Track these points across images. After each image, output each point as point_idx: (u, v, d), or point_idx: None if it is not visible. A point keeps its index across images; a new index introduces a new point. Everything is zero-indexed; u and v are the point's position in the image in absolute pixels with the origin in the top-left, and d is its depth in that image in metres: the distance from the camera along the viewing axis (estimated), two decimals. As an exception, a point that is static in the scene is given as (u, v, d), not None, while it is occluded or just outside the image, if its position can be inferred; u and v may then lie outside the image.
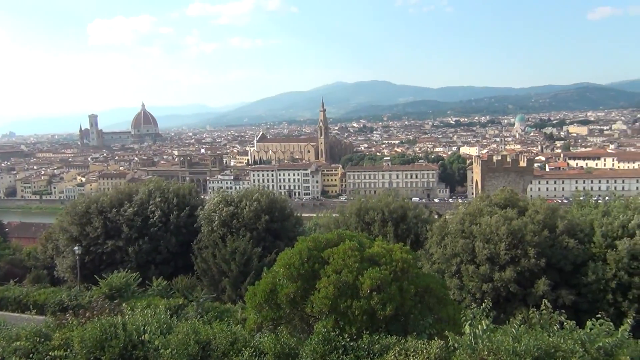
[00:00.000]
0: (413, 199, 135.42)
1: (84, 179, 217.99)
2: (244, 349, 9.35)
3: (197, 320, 11.93)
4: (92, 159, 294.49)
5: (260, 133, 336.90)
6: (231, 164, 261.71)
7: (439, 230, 28.83)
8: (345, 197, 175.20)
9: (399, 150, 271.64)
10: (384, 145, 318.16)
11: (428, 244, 29.79)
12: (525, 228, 25.15)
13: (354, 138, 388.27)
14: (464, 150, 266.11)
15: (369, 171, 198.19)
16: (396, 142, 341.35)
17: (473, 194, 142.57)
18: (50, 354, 10.65)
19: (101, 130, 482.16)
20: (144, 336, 10.11)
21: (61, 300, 22.42)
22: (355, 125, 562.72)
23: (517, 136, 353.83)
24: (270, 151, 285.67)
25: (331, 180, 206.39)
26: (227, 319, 14.40)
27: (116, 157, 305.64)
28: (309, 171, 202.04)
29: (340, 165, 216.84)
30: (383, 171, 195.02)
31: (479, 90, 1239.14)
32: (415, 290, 10.70)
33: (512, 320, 16.79)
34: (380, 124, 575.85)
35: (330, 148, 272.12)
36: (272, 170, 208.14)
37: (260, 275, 13.26)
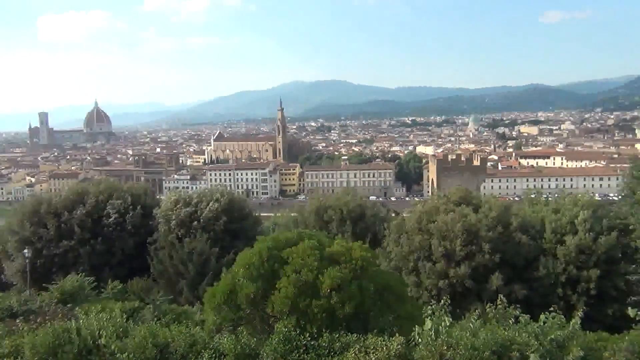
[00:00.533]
0: (370, 197, 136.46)
1: (33, 179, 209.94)
2: (203, 351, 9.22)
3: (155, 323, 11.69)
4: (43, 158, 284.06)
5: (218, 132, 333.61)
6: (187, 163, 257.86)
7: (397, 229, 29.21)
8: (304, 197, 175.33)
9: (357, 150, 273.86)
10: (341, 145, 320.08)
11: (386, 242, 30.13)
12: (480, 225, 25.76)
13: (312, 137, 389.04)
14: (420, 149, 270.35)
15: (327, 170, 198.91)
16: (354, 142, 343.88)
17: (429, 192, 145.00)
18: (-1, 361, 10.25)
19: (52, 128, 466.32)
20: (99, 341, 9.83)
21: (10, 305, 21.50)
22: (313, 124, 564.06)
23: (471, 136, 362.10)
24: (227, 150, 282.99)
25: (289, 179, 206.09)
26: (185, 321, 14.17)
27: (68, 157, 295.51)
28: (267, 170, 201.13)
29: (299, 165, 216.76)
30: (341, 170, 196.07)
31: (435, 90, 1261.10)
32: (375, 288, 10.80)
33: (468, 315, 17.18)
34: (338, 123, 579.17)
35: (289, 147, 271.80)
36: (230, 170, 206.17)
37: (218, 277, 13.11)
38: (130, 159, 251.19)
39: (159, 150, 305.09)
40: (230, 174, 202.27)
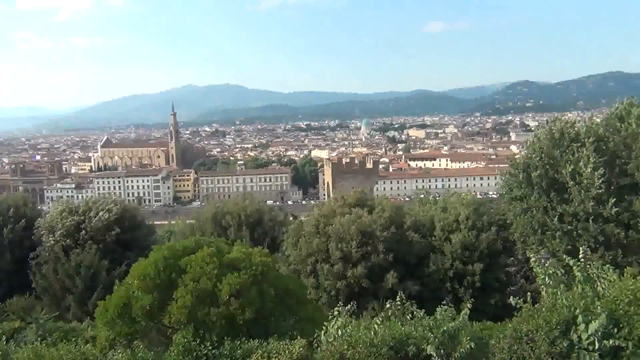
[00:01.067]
0: (268, 202, 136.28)
1: None
2: (95, 369, 8.72)
3: (39, 343, 10.85)
4: None
5: (105, 138, 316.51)
6: (72, 171, 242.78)
7: (295, 232, 29.41)
8: (199, 203, 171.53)
9: (253, 154, 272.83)
10: (237, 150, 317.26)
11: (284, 246, 30.23)
12: (374, 225, 26.60)
13: (206, 142, 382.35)
14: (315, 153, 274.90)
15: (223, 176, 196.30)
16: (249, 146, 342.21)
17: (325, 195, 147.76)
18: None
19: None
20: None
21: None
22: (207, 129, 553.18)
23: (364, 139, 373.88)
24: (116, 157, 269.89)
25: (184, 185, 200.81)
26: (75, 339, 13.30)
27: None
28: (159, 177, 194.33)
29: (193, 171, 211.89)
30: (237, 175, 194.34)
31: (329, 95, 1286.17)
32: (275, 292, 10.80)
33: (366, 313, 17.63)
34: (233, 128, 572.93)
35: (182, 153, 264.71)
36: (119, 177, 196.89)
37: (109, 290, 12.47)
38: (6, 168, 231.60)
39: (39, 157, 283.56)
40: (119, 182, 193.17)
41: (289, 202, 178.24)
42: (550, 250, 20.95)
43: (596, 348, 6.18)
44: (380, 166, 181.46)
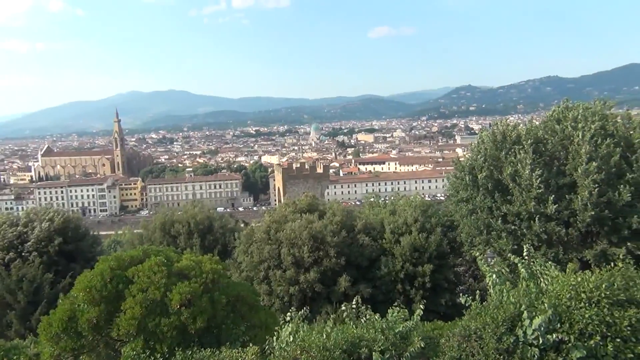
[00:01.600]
0: (218, 209, 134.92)
1: None
2: (39, 387, 8.37)
3: (-23, 364, 10.34)
4: None
5: (46, 146, 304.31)
6: (11, 182, 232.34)
7: (246, 239, 29.17)
8: (147, 212, 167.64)
9: (201, 161, 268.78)
10: (185, 156, 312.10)
11: (236, 253, 29.94)
12: (325, 230, 26.71)
13: (153, 149, 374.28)
14: (265, 159, 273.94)
15: (171, 183, 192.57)
16: (198, 153, 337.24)
17: (276, 200, 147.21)
18: None
19: None
20: None
21: None
22: (154, 136, 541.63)
23: (313, 144, 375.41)
24: (58, 166, 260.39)
25: (130, 194, 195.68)
26: (17, 357, 12.74)
27: None
28: (104, 186, 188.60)
29: (140, 179, 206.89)
30: (186, 183, 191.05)
31: (277, 100, 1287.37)
32: (227, 300, 10.66)
33: (319, 318, 17.66)
34: (180, 134, 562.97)
35: (128, 161, 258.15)
36: (62, 187, 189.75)
37: (54, 304, 12.00)
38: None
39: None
40: (62, 192, 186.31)
41: (240, 209, 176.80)
42: (496, 249, 21.61)
43: (540, 343, 6.41)
44: (331, 171, 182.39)
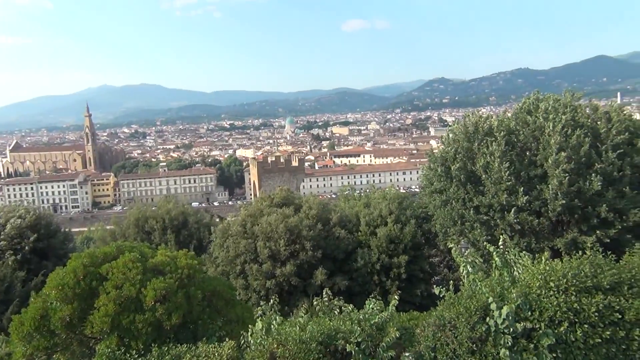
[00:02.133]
0: (193, 204, 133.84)
1: None
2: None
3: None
4: None
5: (14, 142, 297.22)
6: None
7: (222, 233, 29.03)
8: (120, 207, 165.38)
9: (175, 156, 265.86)
10: (159, 151, 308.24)
11: (212, 248, 29.80)
12: (301, 224, 26.74)
13: (125, 144, 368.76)
14: (240, 152, 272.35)
15: (145, 178, 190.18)
16: (172, 147, 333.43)
17: (251, 194, 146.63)
18: None
19: None
20: None
21: None
22: (126, 130, 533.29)
23: (288, 138, 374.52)
24: (27, 162, 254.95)
25: (103, 190, 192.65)
26: (-13, 357, 12.52)
27: None
28: (76, 182, 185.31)
29: (113, 174, 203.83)
30: (160, 177, 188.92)
31: (251, 94, 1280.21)
32: (203, 295, 10.62)
33: (296, 311, 17.71)
34: (153, 128, 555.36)
35: (100, 156, 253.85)
36: (32, 183, 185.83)
37: (25, 303, 11.80)
38: None
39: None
40: (32, 188, 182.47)
41: (215, 203, 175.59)
42: (470, 240, 21.93)
43: (511, 331, 6.55)
44: (306, 164, 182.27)
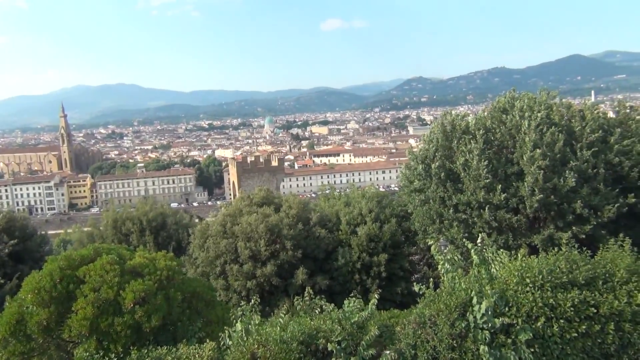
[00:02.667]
0: (172, 204, 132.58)
1: None
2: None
3: None
4: None
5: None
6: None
7: (201, 234, 28.85)
8: (98, 209, 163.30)
9: (153, 156, 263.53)
10: (136, 152, 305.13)
11: (191, 249, 29.59)
12: (282, 223, 26.70)
13: (102, 145, 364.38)
14: (219, 153, 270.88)
15: (122, 179, 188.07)
16: (149, 148, 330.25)
17: (231, 195, 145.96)
18: None
19: None
20: None
21: None
22: (103, 131, 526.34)
23: (268, 137, 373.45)
24: (1, 163, 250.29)
25: (79, 191, 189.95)
26: (-39, 364, 12.24)
27: None
28: (52, 183, 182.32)
29: (89, 175, 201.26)
30: (137, 178, 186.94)
31: (230, 93, 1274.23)
32: (183, 297, 10.56)
33: (277, 311, 17.69)
34: (130, 129, 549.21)
35: (76, 157, 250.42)
36: (6, 185, 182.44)
37: (1, 307, 11.60)
38: None
39: None
40: (6, 190, 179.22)
41: (195, 204, 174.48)
42: (449, 238, 22.13)
43: (489, 327, 6.64)
44: (286, 163, 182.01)
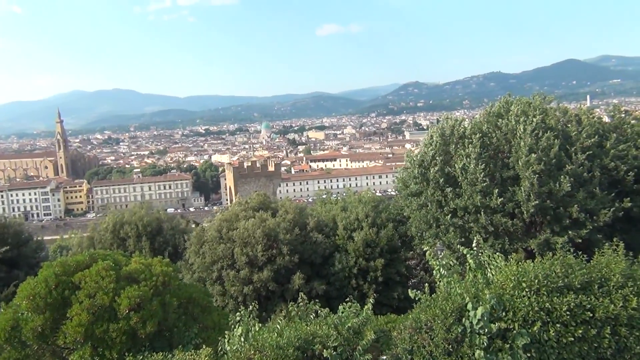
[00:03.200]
0: (168, 210, 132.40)
1: None
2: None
3: None
4: None
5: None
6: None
7: (197, 239, 28.79)
8: (94, 215, 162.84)
9: (150, 161, 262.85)
10: (133, 157, 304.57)
11: (187, 254, 29.51)
12: (279, 228, 26.67)
13: (99, 150, 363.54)
14: (216, 158, 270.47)
15: (119, 185, 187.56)
16: (146, 153, 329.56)
17: (227, 200, 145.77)
18: None
19: None
20: None
21: None
22: (99, 136, 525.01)
23: (264, 142, 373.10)
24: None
25: (76, 197, 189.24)
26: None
27: None
28: (48, 189, 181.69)
29: (85, 181, 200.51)
30: (134, 184, 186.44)
31: (226, 99, 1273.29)
32: (179, 302, 10.51)
33: (274, 316, 17.65)
34: (127, 134, 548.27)
35: (72, 162, 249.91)
36: (2, 191, 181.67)
37: (-4, 313, 11.52)
38: None
39: None
40: (2, 196, 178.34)
41: (191, 209, 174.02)
42: (445, 242, 22.13)
43: (486, 331, 6.63)
44: (282, 168, 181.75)
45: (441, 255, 8.94)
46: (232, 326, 8.44)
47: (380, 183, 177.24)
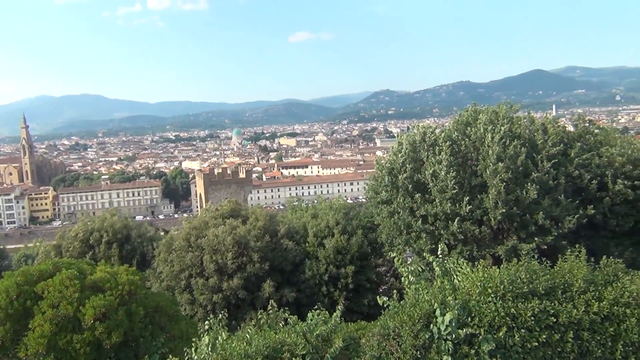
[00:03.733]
0: (137, 217, 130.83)
1: None
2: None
3: None
4: None
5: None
6: None
7: (166, 247, 28.41)
8: (60, 222, 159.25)
9: (118, 168, 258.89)
10: (101, 163, 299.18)
11: (155, 262, 29.08)
12: (249, 235, 26.50)
13: (65, 157, 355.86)
14: (186, 164, 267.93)
15: (86, 192, 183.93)
16: (114, 160, 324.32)
17: (198, 207, 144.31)
18: None
19: None
20: None
21: None
22: (66, 142, 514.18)
23: (235, 149, 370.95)
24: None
25: (41, 204, 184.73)
26: None
27: None
28: (12, 196, 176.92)
29: (51, 188, 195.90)
30: (102, 191, 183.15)
31: (197, 105, 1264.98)
32: (145, 312, 10.34)
33: (244, 325, 17.50)
34: (95, 140, 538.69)
35: (38, 169, 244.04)
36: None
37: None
38: None
39: None
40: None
41: (161, 217, 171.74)
42: (416, 249, 22.29)
43: (453, 337, 6.69)
44: (254, 175, 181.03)
45: (409, 262, 9.00)
46: (201, 335, 8.33)
47: (351, 190, 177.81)
